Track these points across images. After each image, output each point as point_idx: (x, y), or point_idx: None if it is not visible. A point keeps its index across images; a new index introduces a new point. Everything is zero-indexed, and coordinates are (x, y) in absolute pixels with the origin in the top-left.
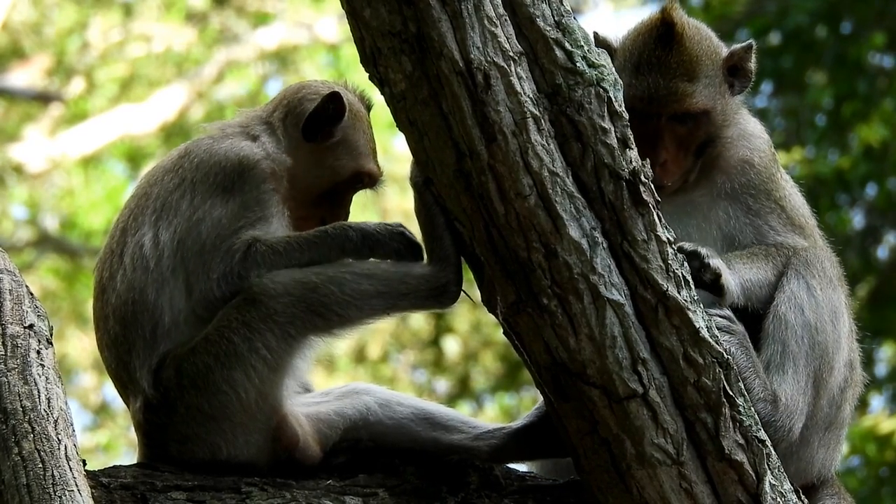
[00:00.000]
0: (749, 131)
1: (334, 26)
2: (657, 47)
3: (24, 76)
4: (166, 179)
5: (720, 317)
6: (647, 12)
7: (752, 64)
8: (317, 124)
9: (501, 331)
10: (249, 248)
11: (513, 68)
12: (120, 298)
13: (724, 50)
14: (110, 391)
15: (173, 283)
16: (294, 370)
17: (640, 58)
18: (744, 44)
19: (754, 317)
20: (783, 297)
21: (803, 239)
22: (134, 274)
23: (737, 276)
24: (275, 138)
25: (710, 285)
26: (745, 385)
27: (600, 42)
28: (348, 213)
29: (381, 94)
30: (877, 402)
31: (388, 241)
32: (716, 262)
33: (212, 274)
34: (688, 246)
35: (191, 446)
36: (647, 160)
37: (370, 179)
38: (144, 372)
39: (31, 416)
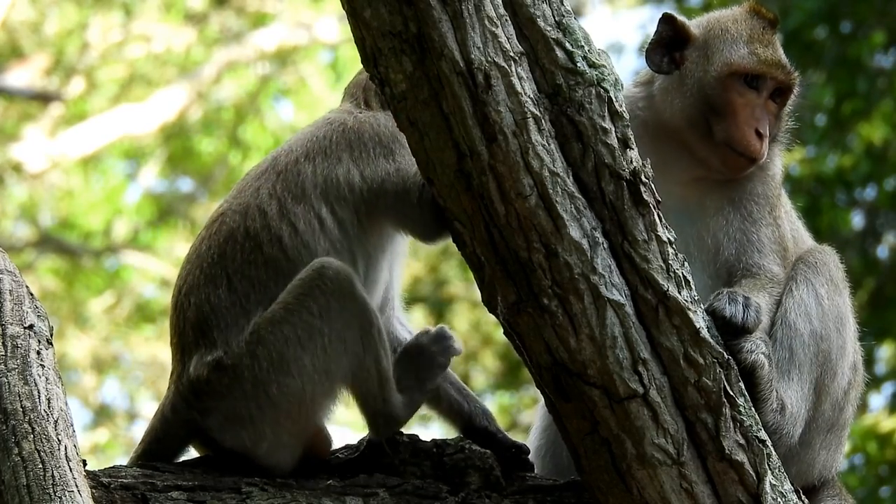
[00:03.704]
0: (774, 149)
1: (334, 26)
2: (765, 31)
3: (23, 75)
4: (318, 160)
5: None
6: (646, 12)
7: None
8: None
9: (502, 331)
10: None
11: (513, 68)
12: (268, 247)
13: None
14: (110, 391)
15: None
16: (339, 394)
17: (752, 33)
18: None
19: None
20: (792, 304)
21: (782, 264)
22: (309, 237)
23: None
24: None
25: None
26: (763, 395)
27: (678, 25)
28: None
29: (382, 94)
30: (877, 401)
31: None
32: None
33: None
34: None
35: (236, 429)
36: (647, 161)
37: None
38: (242, 326)
39: (32, 417)
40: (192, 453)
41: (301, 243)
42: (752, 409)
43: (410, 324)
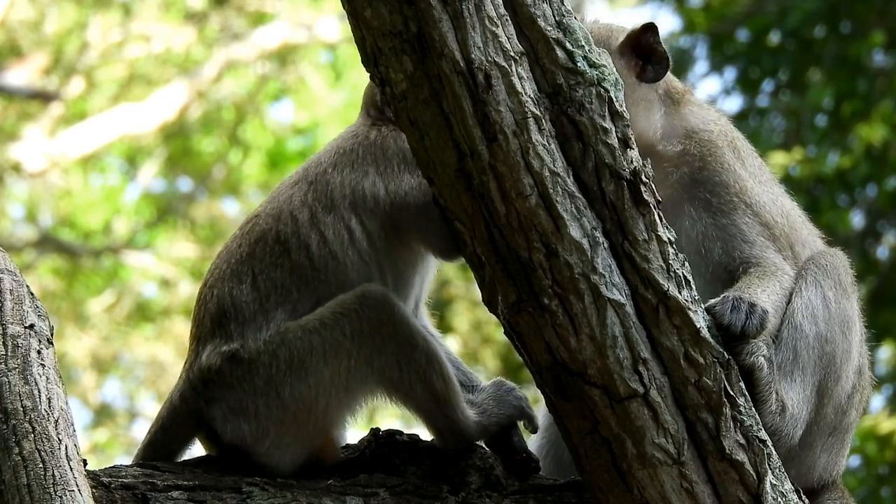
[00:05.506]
0: (692, 126)
1: (334, 26)
2: None
3: (21, 74)
4: (346, 172)
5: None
6: (646, 12)
7: (661, 46)
8: None
9: (502, 331)
10: None
11: (514, 68)
12: (295, 253)
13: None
14: (110, 391)
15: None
16: (357, 407)
17: None
18: (642, 23)
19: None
20: (800, 305)
21: (775, 245)
22: (337, 247)
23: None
24: None
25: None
26: (762, 396)
27: None
28: None
29: (382, 93)
30: (877, 402)
31: None
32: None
33: None
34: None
35: (239, 421)
36: (647, 160)
37: None
38: (260, 323)
39: (32, 416)
40: (194, 451)
41: (328, 253)
42: (753, 408)
43: (435, 330)
